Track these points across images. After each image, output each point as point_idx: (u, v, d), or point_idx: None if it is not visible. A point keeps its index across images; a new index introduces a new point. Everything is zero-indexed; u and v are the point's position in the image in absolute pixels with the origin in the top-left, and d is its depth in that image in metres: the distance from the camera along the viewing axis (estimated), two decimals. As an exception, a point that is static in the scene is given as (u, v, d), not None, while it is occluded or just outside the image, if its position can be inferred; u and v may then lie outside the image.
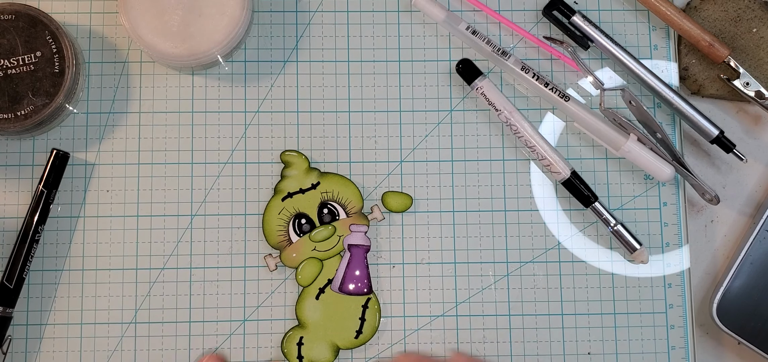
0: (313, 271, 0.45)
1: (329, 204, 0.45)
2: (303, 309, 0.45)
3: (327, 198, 0.45)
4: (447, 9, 0.46)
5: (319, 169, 0.46)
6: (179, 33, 0.43)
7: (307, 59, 0.47)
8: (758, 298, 0.45)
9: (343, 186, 0.45)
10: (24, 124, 0.43)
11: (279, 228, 0.45)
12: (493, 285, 0.46)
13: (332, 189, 0.45)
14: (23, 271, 0.44)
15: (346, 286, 0.45)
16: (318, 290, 0.45)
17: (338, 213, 0.45)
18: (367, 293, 0.45)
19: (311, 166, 0.46)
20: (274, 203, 0.45)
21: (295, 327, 0.45)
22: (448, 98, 0.47)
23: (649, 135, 0.45)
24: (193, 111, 0.46)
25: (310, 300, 0.45)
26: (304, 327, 0.45)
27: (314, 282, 0.45)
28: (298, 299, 0.45)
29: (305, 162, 0.46)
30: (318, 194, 0.45)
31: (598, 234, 0.46)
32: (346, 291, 0.45)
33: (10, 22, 0.43)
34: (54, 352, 0.44)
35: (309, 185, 0.45)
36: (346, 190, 0.45)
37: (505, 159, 0.47)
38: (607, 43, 0.46)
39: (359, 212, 0.45)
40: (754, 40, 0.47)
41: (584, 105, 0.46)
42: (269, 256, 0.45)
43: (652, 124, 0.44)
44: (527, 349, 0.45)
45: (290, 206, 0.45)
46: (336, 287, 0.45)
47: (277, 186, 0.46)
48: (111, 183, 0.46)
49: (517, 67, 0.46)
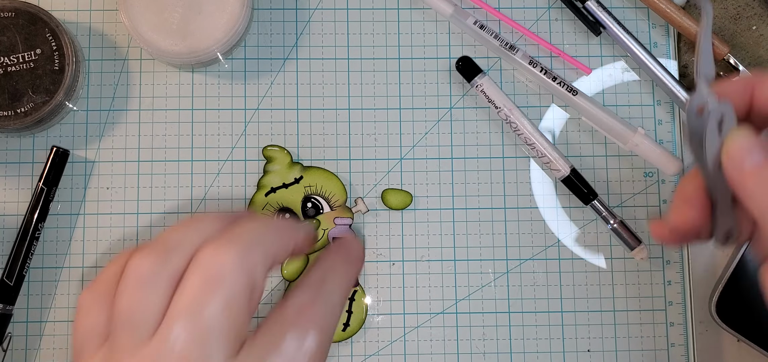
0: (299, 266, 0.45)
1: (313, 198, 0.45)
2: None
3: (310, 193, 0.45)
4: (455, 4, 0.46)
5: (301, 163, 0.46)
6: (179, 30, 0.43)
7: (306, 57, 0.47)
8: (758, 296, 0.45)
9: (326, 180, 0.46)
10: (24, 122, 0.43)
11: None
12: (493, 283, 0.46)
13: (315, 183, 0.45)
14: (23, 268, 0.44)
15: None
16: None
17: (322, 207, 0.45)
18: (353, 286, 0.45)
19: (294, 161, 0.46)
20: (258, 198, 0.45)
21: (292, 323, 0.45)
22: (448, 96, 0.47)
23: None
24: (193, 108, 0.46)
25: None
26: (298, 323, 0.45)
27: (300, 276, 0.45)
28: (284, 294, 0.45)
29: (288, 156, 0.46)
30: (301, 188, 0.45)
31: (598, 232, 0.46)
32: None
33: (10, 19, 0.43)
34: (54, 350, 0.44)
35: (292, 180, 0.45)
36: (330, 184, 0.45)
37: (505, 156, 0.47)
38: (620, 31, 0.46)
39: (343, 205, 0.45)
40: (754, 38, 0.47)
41: (592, 99, 0.46)
42: None
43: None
44: (527, 346, 0.45)
45: (274, 201, 0.45)
46: None
47: (260, 181, 0.46)
48: (111, 180, 0.46)
49: (525, 62, 0.46)
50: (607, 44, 0.48)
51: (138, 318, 0.27)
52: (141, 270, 0.28)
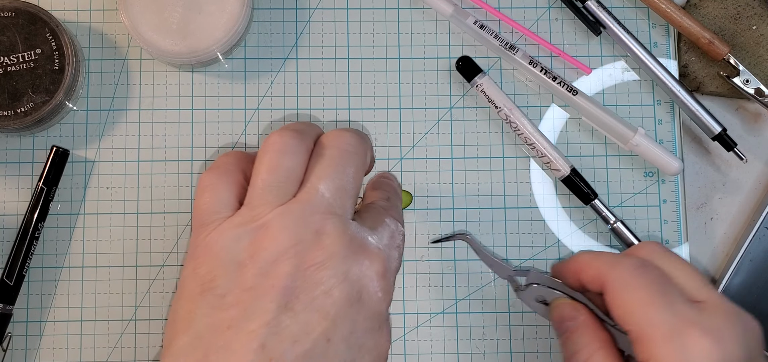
0: None
1: None
2: None
3: None
4: (455, 3, 0.46)
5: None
6: (179, 30, 0.43)
7: (306, 56, 0.47)
8: (758, 296, 0.45)
9: None
10: (24, 122, 0.43)
11: None
12: (493, 283, 0.46)
13: None
14: (23, 268, 0.44)
15: None
16: None
17: None
18: None
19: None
20: None
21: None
22: (448, 95, 0.47)
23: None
24: (193, 108, 0.46)
25: None
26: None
27: None
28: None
29: None
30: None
31: (598, 232, 0.46)
32: None
33: (10, 19, 0.43)
34: (54, 349, 0.44)
35: None
36: None
37: (505, 156, 0.47)
38: (620, 31, 0.46)
39: None
40: (754, 38, 0.47)
41: (592, 99, 0.46)
42: None
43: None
44: (527, 346, 0.45)
45: None
46: None
47: None
48: (111, 180, 0.46)
49: (525, 62, 0.46)
50: (607, 44, 0.48)
51: (282, 180, 0.33)
52: (283, 141, 0.34)
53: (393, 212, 0.37)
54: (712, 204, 0.48)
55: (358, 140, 0.36)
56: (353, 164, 0.35)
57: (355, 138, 0.36)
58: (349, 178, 0.34)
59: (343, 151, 0.35)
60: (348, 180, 0.34)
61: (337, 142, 0.35)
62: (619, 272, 0.34)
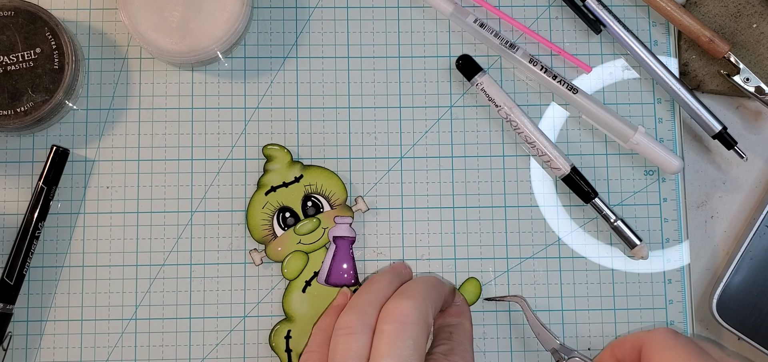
0: (299, 264, 0.45)
1: (313, 196, 0.45)
2: (290, 303, 0.45)
3: (310, 191, 0.45)
4: (455, 2, 0.46)
5: (301, 162, 0.46)
6: (179, 29, 0.43)
7: (306, 55, 0.47)
8: (758, 294, 0.45)
9: (326, 178, 0.45)
10: (24, 121, 0.43)
11: (263, 223, 0.45)
12: (493, 281, 0.46)
13: (315, 182, 0.45)
14: (23, 268, 0.44)
15: (332, 278, 0.45)
16: (304, 283, 0.45)
17: (322, 205, 0.45)
18: (353, 284, 0.45)
19: (294, 160, 0.46)
20: (258, 197, 0.45)
21: (282, 320, 0.45)
22: (448, 94, 0.47)
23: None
24: (193, 107, 0.46)
25: (296, 293, 0.45)
26: (292, 320, 0.45)
27: (300, 275, 0.45)
28: (285, 293, 0.45)
29: (288, 155, 0.46)
30: (301, 187, 0.45)
31: (598, 230, 0.46)
32: (332, 283, 0.45)
33: (10, 18, 0.43)
34: (54, 349, 0.44)
35: (292, 178, 0.45)
36: (330, 183, 0.45)
37: (505, 155, 0.47)
38: (620, 29, 0.46)
39: (343, 204, 0.45)
40: (755, 36, 0.47)
41: (592, 97, 0.46)
42: (254, 251, 0.45)
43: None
44: (527, 345, 0.45)
45: (274, 200, 0.45)
46: (322, 279, 0.45)
47: (260, 180, 0.46)
48: (111, 179, 0.46)
49: (525, 60, 0.46)
50: (608, 42, 0.47)
51: (351, 359, 0.37)
52: (348, 323, 0.38)
53: (456, 356, 0.40)
54: (713, 202, 0.48)
55: (414, 309, 0.38)
56: (412, 336, 0.37)
57: (411, 307, 0.38)
58: (409, 351, 0.37)
59: (400, 325, 0.37)
60: (407, 351, 0.37)
61: (394, 316, 0.38)
62: (656, 335, 0.37)
